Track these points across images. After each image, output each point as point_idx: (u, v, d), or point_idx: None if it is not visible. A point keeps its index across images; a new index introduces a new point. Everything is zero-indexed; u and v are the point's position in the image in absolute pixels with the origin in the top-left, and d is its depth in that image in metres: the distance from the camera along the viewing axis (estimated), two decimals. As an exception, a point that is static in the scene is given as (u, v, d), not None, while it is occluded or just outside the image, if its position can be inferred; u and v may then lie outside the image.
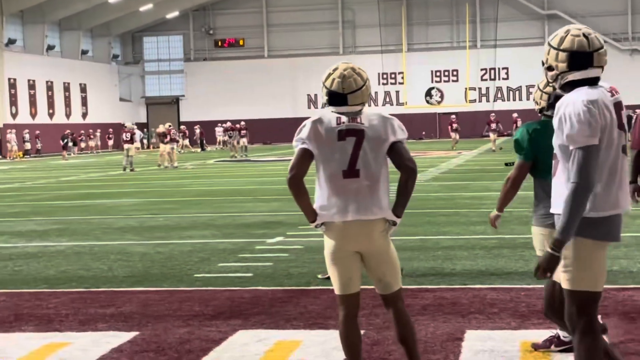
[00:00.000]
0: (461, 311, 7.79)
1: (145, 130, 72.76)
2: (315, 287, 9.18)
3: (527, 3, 76.35)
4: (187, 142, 63.62)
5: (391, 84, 79.07)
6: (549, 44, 4.62)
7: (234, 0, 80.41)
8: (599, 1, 75.77)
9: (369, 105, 22.86)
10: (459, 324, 7.33)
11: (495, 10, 76.64)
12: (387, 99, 79.24)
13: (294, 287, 9.22)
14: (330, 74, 5.35)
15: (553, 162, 4.63)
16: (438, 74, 78.40)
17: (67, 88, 70.83)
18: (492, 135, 44.44)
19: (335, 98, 5.31)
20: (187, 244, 12.80)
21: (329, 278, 9.20)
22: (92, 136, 67.87)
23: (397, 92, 78.98)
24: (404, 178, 5.31)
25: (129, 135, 35.23)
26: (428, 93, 78.76)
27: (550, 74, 4.65)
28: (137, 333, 7.40)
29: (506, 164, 25.83)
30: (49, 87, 68.39)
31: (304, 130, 5.28)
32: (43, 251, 12.56)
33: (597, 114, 4.43)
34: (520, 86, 77.36)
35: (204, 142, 64.68)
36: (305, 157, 5.26)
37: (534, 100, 6.69)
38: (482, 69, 77.69)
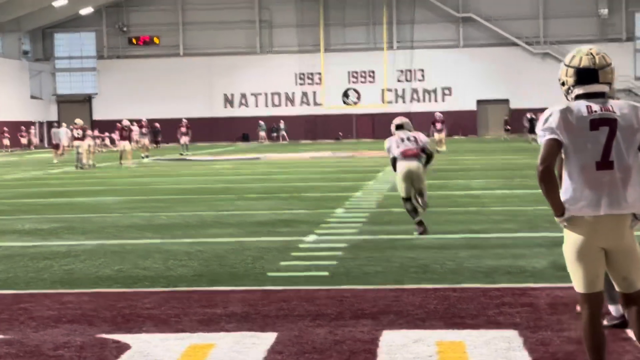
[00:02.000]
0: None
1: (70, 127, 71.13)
2: (413, 286, 9.00)
3: (442, 6, 77.22)
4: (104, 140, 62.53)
5: (308, 84, 79.08)
6: None
7: (148, -3, 79.47)
8: (511, 5, 77.08)
9: (286, 106, 22.94)
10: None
11: (412, 13, 77.32)
12: (304, 100, 79.19)
13: (393, 286, 9.01)
14: (574, 56, 5.21)
15: None
16: (355, 75, 78.74)
17: (-24, 85, 68.91)
18: (437, 136, 43.15)
19: (586, 75, 5.14)
20: (222, 243, 12.46)
21: None
22: (6, 134, 66.00)
23: (314, 92, 79.01)
24: None
25: (80, 132, 34.42)
26: (345, 94, 79.00)
27: None
28: (276, 334, 7.12)
29: None
30: (-41, 84, 66.43)
31: (552, 120, 5.08)
32: (75, 250, 12.07)
33: None
34: (436, 88, 78.22)
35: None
36: (555, 148, 5.06)
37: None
38: (398, 71, 78.27)
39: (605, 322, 7.03)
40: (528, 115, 67.23)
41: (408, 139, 13.14)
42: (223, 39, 79.01)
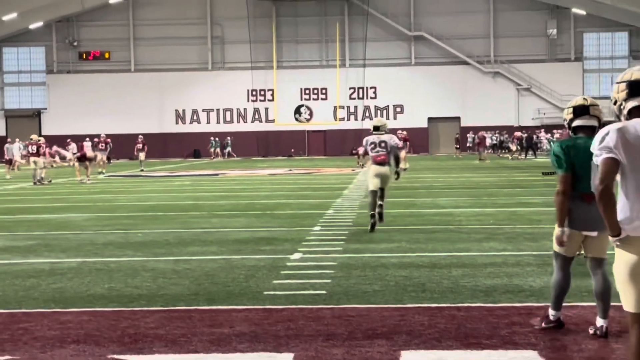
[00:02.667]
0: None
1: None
2: (416, 305, 8.93)
3: (394, 24, 77.67)
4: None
5: (260, 100, 78.96)
6: None
7: (99, 12, 78.80)
8: (463, 25, 77.79)
9: (238, 122, 23.25)
10: None
11: (364, 31, 77.63)
12: (257, 116, 79.06)
13: (395, 305, 8.93)
14: (625, 74, 5.21)
15: None
16: (307, 91, 78.81)
17: None
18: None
19: (637, 87, 5.14)
20: (208, 261, 12.30)
21: None
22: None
23: (267, 109, 78.93)
24: None
25: (35, 147, 33.95)
26: (297, 110, 79.03)
27: None
28: (292, 354, 7.02)
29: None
30: None
31: (609, 139, 5.05)
32: (58, 268, 11.84)
33: None
34: (388, 105, 78.55)
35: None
36: (614, 167, 5.04)
37: (563, 119, 7.61)
38: (350, 88, 78.51)
39: (543, 324, 7.59)
40: (471, 134, 67.84)
41: (380, 144, 15.84)
42: (175, 54, 78.66)
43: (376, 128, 16.15)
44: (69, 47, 79.59)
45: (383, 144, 15.84)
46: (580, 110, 7.36)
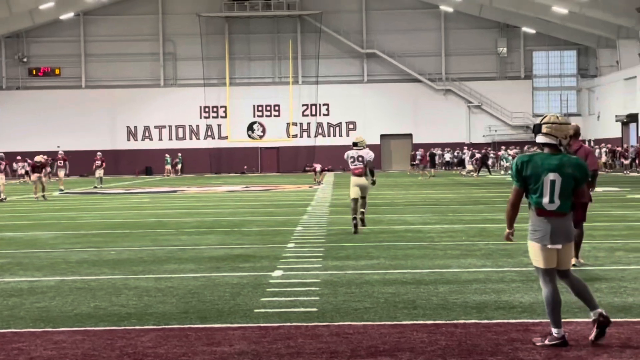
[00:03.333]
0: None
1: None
2: (412, 322, 8.90)
3: (347, 42, 77.93)
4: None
5: (213, 117, 78.70)
6: None
7: (50, 28, 78.11)
8: (414, 43, 78.31)
9: (190, 139, 23.79)
10: None
11: (317, 48, 77.79)
12: (209, 133, 78.78)
13: (391, 322, 8.90)
14: None
15: None
16: (260, 108, 78.72)
17: None
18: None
19: None
20: (189, 278, 12.17)
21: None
22: None
23: (219, 125, 78.68)
24: None
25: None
26: (250, 127, 78.88)
27: None
28: (300, 373, 6.96)
29: None
30: None
31: None
32: (37, 287, 11.65)
33: None
34: (340, 122, 78.71)
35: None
36: None
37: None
38: (303, 105, 78.58)
39: (546, 342, 7.62)
40: (420, 151, 68.34)
41: (358, 158, 18.34)
42: (126, 71, 78.21)
43: (355, 144, 18.57)
44: (18, 63, 78.74)
45: (360, 158, 18.34)
46: (536, 129, 7.75)
